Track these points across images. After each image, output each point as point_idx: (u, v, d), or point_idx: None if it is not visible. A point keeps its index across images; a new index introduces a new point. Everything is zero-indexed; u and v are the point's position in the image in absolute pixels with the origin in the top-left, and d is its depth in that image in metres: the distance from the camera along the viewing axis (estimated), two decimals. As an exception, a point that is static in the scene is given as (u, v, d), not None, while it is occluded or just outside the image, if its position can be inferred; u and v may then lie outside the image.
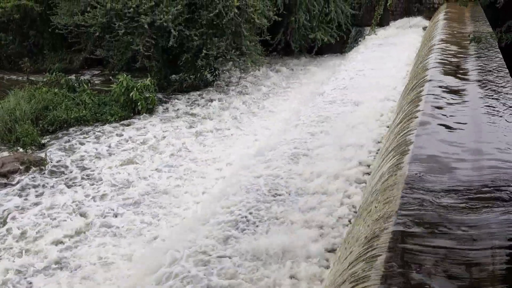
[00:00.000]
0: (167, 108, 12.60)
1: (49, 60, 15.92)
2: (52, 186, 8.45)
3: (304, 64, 17.84)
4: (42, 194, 8.20)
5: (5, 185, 8.40)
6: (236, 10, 12.80)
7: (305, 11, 17.15)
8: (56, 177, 8.78)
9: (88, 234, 6.96)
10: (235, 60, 13.86)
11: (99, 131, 10.86)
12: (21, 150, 9.73)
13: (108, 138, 10.54)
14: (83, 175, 8.90)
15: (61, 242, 6.77)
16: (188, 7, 13.26)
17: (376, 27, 18.22)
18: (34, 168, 8.94)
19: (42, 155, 9.46)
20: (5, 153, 9.61)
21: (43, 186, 8.47)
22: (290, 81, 15.77)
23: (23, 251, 6.59)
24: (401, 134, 5.70)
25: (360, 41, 18.56)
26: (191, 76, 14.15)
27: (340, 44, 18.53)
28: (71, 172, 8.99)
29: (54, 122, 10.87)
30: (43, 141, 10.22)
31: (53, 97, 11.44)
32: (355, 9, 18.59)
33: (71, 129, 10.88)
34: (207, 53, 13.03)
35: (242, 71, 15.09)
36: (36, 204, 7.86)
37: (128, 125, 11.31)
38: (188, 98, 13.45)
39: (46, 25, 15.36)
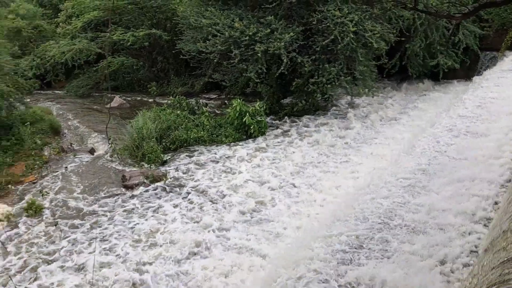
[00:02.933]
0: (278, 132, 12.77)
1: (173, 84, 17.22)
2: (170, 199, 8.99)
3: (423, 90, 16.91)
4: (161, 206, 8.75)
5: (132, 196, 9.16)
6: (352, 35, 12.61)
7: (423, 37, 16.34)
8: (175, 191, 9.33)
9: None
10: (346, 86, 13.61)
11: (215, 151, 11.36)
12: (146, 165, 10.55)
13: (223, 157, 10.97)
14: (203, 190, 9.33)
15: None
16: (303, 33, 13.47)
17: (507, 50, 16.71)
18: (156, 182, 9.64)
19: (164, 170, 10.17)
20: (133, 168, 10.49)
21: (163, 198, 9.06)
22: (407, 107, 15.01)
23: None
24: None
25: (489, 66, 17.13)
26: (302, 101, 14.25)
27: (465, 69, 17.33)
28: (189, 187, 9.48)
29: (176, 141, 11.63)
30: (165, 158, 10.96)
31: (175, 118, 12.27)
32: (484, 31, 17.27)
33: (190, 148, 11.54)
34: (317, 80, 13.03)
35: (354, 96, 14.84)
36: (155, 212, 8.47)
37: (241, 146, 11.67)
38: (299, 122, 13.52)
39: (172, 51, 16.74)
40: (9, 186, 9.62)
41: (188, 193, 9.23)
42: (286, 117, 13.95)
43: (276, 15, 13.55)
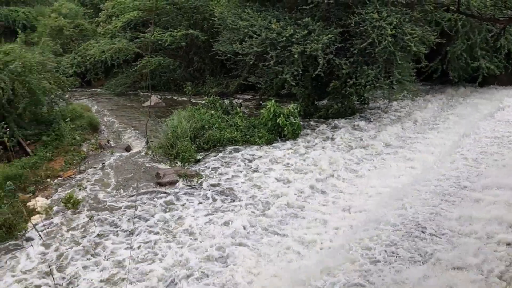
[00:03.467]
0: (312, 134, 12.67)
1: (208, 84, 17.37)
2: (201, 197, 9.10)
3: (463, 95, 16.41)
4: (192, 204, 8.86)
5: (165, 193, 9.29)
6: (390, 39, 12.37)
7: (465, 39, 15.86)
8: (206, 190, 9.41)
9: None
10: (384, 88, 13.37)
11: (248, 151, 11.37)
12: (179, 163, 10.67)
13: (255, 158, 10.99)
14: (233, 189, 9.39)
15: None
16: (341, 35, 13.31)
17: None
18: (189, 181, 9.74)
19: (197, 169, 10.26)
20: (166, 166, 10.63)
21: (193, 196, 9.17)
22: (446, 113, 14.59)
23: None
24: None
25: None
26: (338, 103, 14.09)
27: (508, 75, 16.69)
28: (220, 186, 9.55)
29: (209, 140, 11.71)
30: (198, 157, 11.05)
31: (209, 118, 12.36)
32: None
33: (223, 148, 11.60)
34: (355, 82, 12.86)
35: (390, 99, 14.59)
36: (186, 209, 8.54)
37: (273, 147, 11.65)
38: (333, 125, 13.36)
39: (208, 52, 16.90)
40: (48, 180, 9.92)
41: (219, 192, 9.31)
42: (320, 119, 13.84)
43: (314, 17, 13.44)
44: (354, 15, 12.84)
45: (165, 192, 9.35)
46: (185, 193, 9.29)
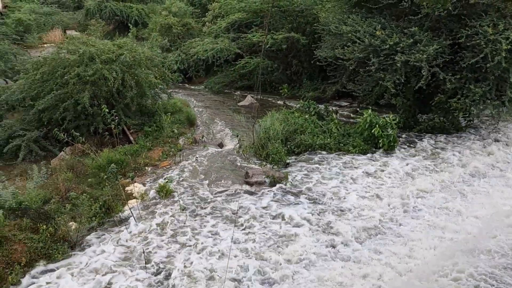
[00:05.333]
0: (409, 148, 12.02)
1: (304, 88, 17.25)
2: (286, 203, 9.04)
3: None
4: (282, 206, 8.85)
5: (252, 193, 9.38)
6: (504, 54, 11.28)
7: None
8: (292, 195, 9.35)
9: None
10: (495, 107, 12.27)
11: (340, 160, 11.08)
12: (268, 165, 10.69)
13: (347, 167, 10.69)
14: (318, 198, 9.22)
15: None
16: (450, 47, 12.45)
17: None
18: (277, 183, 9.72)
19: (285, 172, 10.19)
20: (255, 166, 10.71)
21: (283, 200, 9.14)
22: None
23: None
24: None
25: None
26: (441, 118, 13.23)
27: None
28: (307, 193, 9.41)
29: (300, 145, 11.59)
30: (288, 161, 10.99)
31: (303, 122, 12.24)
32: None
33: (314, 153, 11.41)
34: (459, 99, 11.97)
35: (500, 120, 13.38)
36: (274, 217, 8.54)
37: (367, 158, 11.24)
38: (436, 141, 12.56)
39: (307, 56, 16.77)
40: (146, 168, 10.49)
41: (307, 197, 9.23)
42: (420, 133, 13.09)
43: (422, 27, 12.72)
44: (467, 28, 11.92)
45: (252, 192, 9.44)
46: (270, 196, 9.28)
